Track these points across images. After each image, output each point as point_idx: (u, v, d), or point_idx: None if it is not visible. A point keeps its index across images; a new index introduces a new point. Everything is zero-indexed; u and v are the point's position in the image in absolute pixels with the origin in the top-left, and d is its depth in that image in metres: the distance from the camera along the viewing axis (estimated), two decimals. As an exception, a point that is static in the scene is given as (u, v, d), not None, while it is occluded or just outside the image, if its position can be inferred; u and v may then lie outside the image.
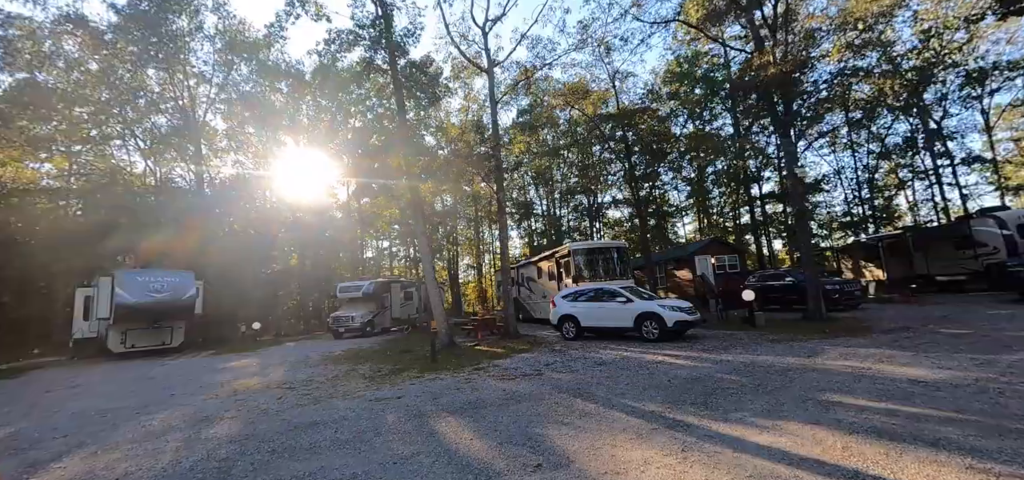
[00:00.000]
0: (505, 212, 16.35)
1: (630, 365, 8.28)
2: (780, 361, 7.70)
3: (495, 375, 8.26)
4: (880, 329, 10.83)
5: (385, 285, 22.78)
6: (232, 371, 11.38)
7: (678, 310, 11.16)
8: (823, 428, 4.28)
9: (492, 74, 16.22)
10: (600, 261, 17.46)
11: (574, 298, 13.22)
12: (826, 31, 24.96)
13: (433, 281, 13.01)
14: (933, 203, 33.89)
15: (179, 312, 17.53)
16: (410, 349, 13.55)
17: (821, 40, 19.10)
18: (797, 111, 14.45)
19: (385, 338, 18.38)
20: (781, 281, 17.62)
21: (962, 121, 32.62)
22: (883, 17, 30.67)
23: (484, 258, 51.46)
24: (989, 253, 16.86)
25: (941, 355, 7.21)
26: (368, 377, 9.00)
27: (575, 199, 43.52)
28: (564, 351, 10.80)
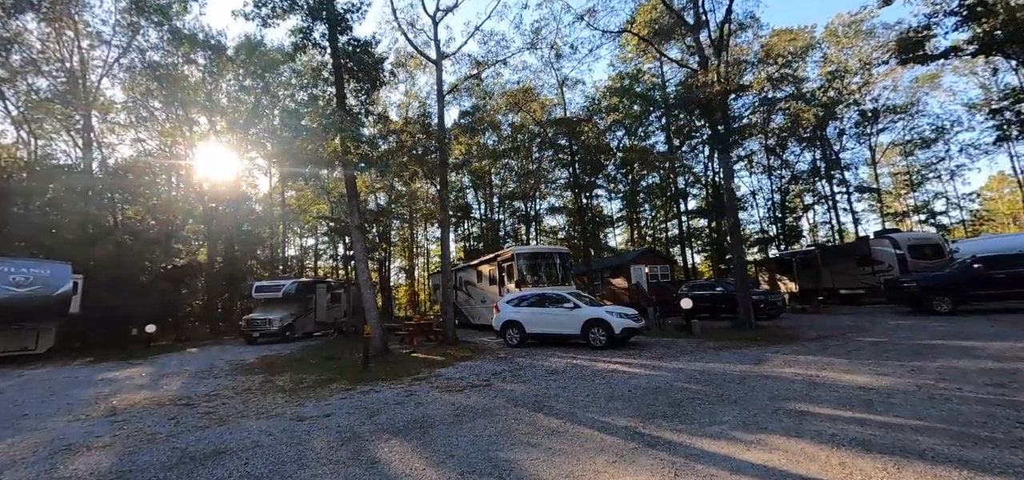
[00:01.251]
0: (449, 211, 15.46)
1: (584, 374, 7.84)
2: (731, 369, 7.64)
3: (439, 386, 7.41)
4: (806, 337, 11.40)
5: (309, 285, 20.83)
6: (113, 383, 9.42)
7: (625, 317, 11.00)
8: (808, 441, 4.01)
9: (441, 66, 15.37)
10: (543, 266, 17.12)
11: (519, 303, 12.67)
12: (751, 63, 26.93)
13: (367, 281, 11.82)
14: (830, 225, 37.99)
15: (48, 311, 14.57)
16: (337, 356, 12.22)
17: (746, 71, 20.50)
18: (731, 130, 15.18)
19: (308, 344, 16.64)
20: (711, 291, 18.41)
21: (854, 155, 37.02)
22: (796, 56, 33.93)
23: (417, 261, 49.75)
24: (884, 270, 18.81)
25: (873, 362, 7.52)
26: (288, 390, 7.74)
27: (512, 205, 43.46)
28: (510, 359, 10.17)
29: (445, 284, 14.75)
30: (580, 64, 31.95)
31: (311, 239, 43.04)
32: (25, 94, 22.75)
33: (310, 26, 11.23)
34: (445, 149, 13.41)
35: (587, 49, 23.68)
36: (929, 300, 14.54)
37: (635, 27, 16.16)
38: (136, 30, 24.44)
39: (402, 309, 44.94)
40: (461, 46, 15.25)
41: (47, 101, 22.89)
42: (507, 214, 44.13)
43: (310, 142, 10.77)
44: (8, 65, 21.54)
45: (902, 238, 18.93)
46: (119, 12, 23.93)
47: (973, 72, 34.07)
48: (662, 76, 35.64)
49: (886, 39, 31.20)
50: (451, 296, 14.96)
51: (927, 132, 34.54)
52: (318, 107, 10.89)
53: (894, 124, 35.35)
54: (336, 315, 22.20)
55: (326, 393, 7.30)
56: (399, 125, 14.27)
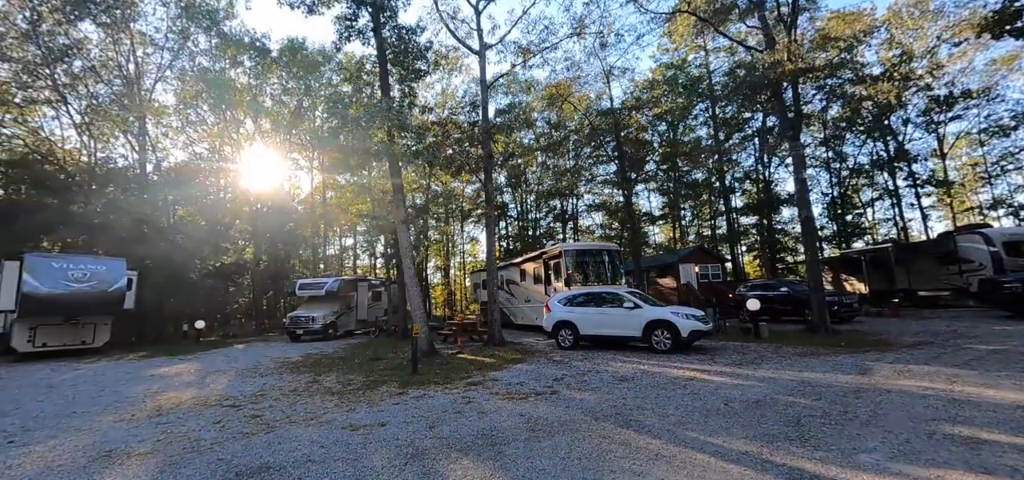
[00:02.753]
0: (494, 205, 14.82)
1: (659, 382, 6.95)
2: (835, 380, 6.57)
3: (499, 393, 6.71)
4: (900, 344, 10.03)
5: (351, 283, 20.71)
6: (162, 380, 9.27)
7: (692, 319, 9.98)
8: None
9: (484, 57, 14.76)
10: (591, 264, 16.21)
11: (572, 303, 11.84)
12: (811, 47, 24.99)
13: (413, 278, 11.30)
14: (893, 222, 35.07)
15: (105, 306, 14.89)
16: (382, 356, 11.77)
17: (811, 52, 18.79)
18: (801, 114, 13.80)
19: (350, 342, 16.39)
20: (775, 291, 16.94)
21: (919, 146, 33.93)
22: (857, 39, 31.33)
23: (451, 260, 49.61)
24: (975, 269, 16.80)
25: (1010, 374, 6.27)
26: (336, 392, 7.24)
27: (549, 203, 42.60)
28: (566, 362, 9.37)
29: (491, 282, 14.10)
30: (625, 54, 30.82)
31: (350, 239, 43.60)
32: (86, 99, 23.75)
33: (355, 13, 10.83)
34: (490, 140, 12.75)
35: (634, 36, 22.40)
36: (1037, 303, 12.74)
37: (691, 5, 14.99)
38: (186, 36, 25.20)
39: (438, 309, 44.89)
40: (506, 34, 14.62)
41: (106, 106, 23.83)
42: (544, 212, 43.30)
43: (355, 133, 10.34)
44: (70, 71, 22.58)
45: (995, 234, 16.86)
46: (170, 19, 24.77)
47: (1061, 51, 30.57)
48: (707, 67, 33.95)
49: (958, 18, 28.50)
50: (496, 296, 14.30)
51: (1005, 119, 31.15)
52: (362, 97, 10.45)
53: (967, 111, 32.16)
54: (377, 314, 22.03)
55: (377, 397, 6.73)
56: (442, 116, 13.72)
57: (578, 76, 23.69)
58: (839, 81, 29.86)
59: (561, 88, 25.93)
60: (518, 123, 30.06)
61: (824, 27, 27.78)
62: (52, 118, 24.93)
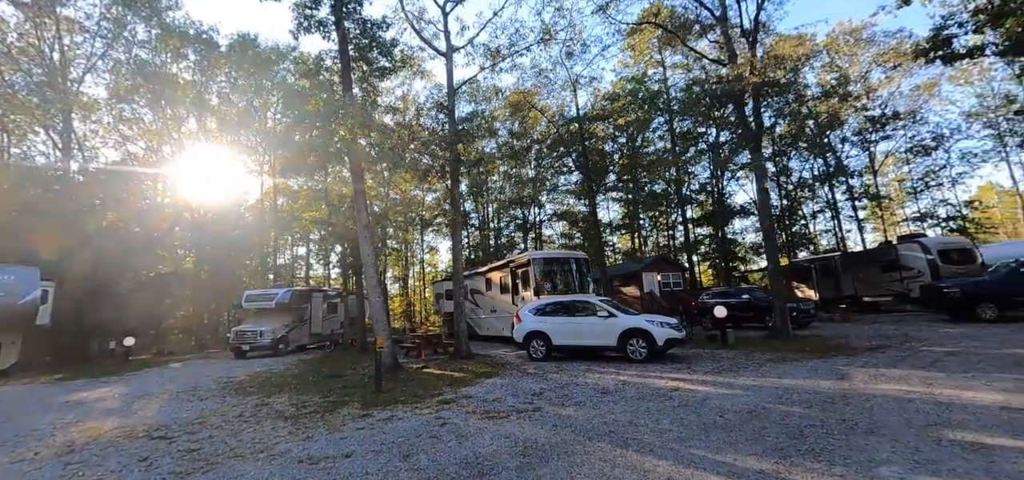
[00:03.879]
0: (460, 211, 14.27)
1: (644, 394, 6.63)
2: (817, 386, 6.49)
3: (476, 411, 6.15)
4: (859, 348, 10.31)
5: (305, 294, 19.41)
6: (78, 407, 7.99)
7: (667, 327, 9.83)
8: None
9: (451, 59, 14.25)
10: (560, 272, 15.94)
11: (544, 312, 11.44)
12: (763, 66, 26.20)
13: (376, 287, 10.52)
14: (833, 233, 37.39)
15: (13, 321, 13.03)
16: (340, 373, 10.87)
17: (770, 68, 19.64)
18: (762, 126, 14.24)
19: (303, 358, 15.21)
20: (737, 299, 17.32)
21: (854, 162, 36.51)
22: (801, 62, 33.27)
23: (410, 270, 48.29)
24: (913, 276, 17.93)
25: (977, 375, 6.41)
26: (290, 416, 6.41)
27: (510, 213, 42.48)
28: (542, 375, 8.93)
29: (457, 292, 13.48)
30: (590, 64, 31.23)
31: (303, 248, 41.37)
32: (1, 90, 21.14)
33: (315, 0, 10.05)
34: (460, 145, 12.22)
35: (600, 46, 22.73)
36: (973, 307, 13.60)
37: (658, 18, 15.21)
38: (123, 25, 23.08)
39: (397, 320, 43.39)
40: (474, 36, 14.16)
41: (23, 96, 21.30)
42: (505, 222, 43.05)
43: (314, 130, 9.52)
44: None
45: (931, 242, 18.10)
46: (104, 5, 22.61)
47: (969, 82, 34.05)
48: (665, 82, 35.00)
49: (887, 46, 31.09)
50: (464, 306, 13.70)
51: (927, 139, 34.09)
52: (323, 93, 9.66)
53: (895, 131, 34.94)
54: (333, 326, 20.75)
55: (337, 421, 5.99)
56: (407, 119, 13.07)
57: (545, 84, 23.67)
58: (786, 100, 31.62)
59: (527, 96, 25.83)
60: (481, 131, 29.72)
61: (772, 48, 29.39)
62: None
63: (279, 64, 27.61)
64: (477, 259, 36.49)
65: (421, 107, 15.15)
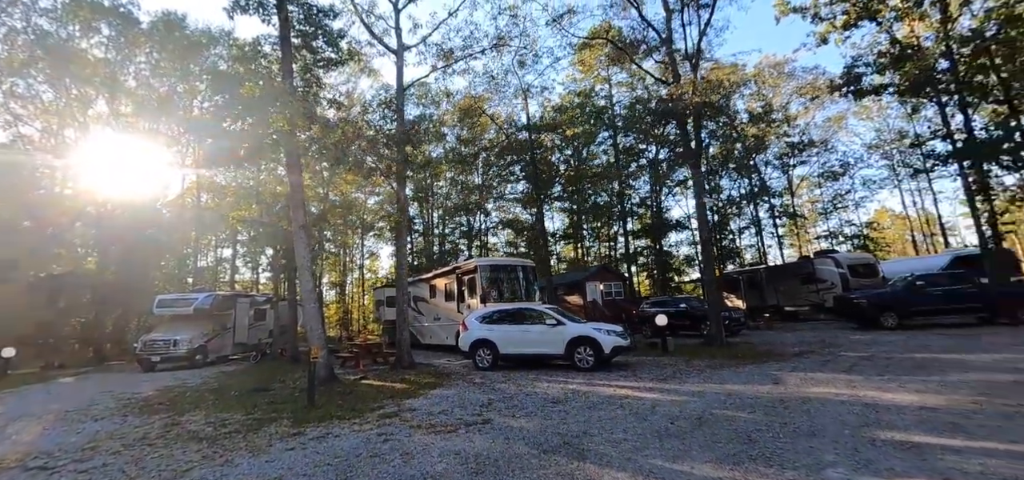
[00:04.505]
0: (406, 213, 13.70)
1: (594, 402, 6.55)
2: (756, 391, 6.75)
3: (421, 425, 5.74)
4: (786, 354, 10.97)
5: (229, 299, 17.80)
6: (-70, 432, 6.60)
7: (614, 335, 9.92)
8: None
9: (402, 58, 13.70)
10: (506, 280, 15.78)
11: (490, 320, 11.19)
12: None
13: (311, 292, 9.73)
14: (756, 248, 40.48)
15: None
16: (267, 386, 9.92)
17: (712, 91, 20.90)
18: (702, 144, 15.05)
19: (225, 370, 13.84)
20: (675, 308, 18.03)
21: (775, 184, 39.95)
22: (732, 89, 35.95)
23: (349, 276, 46.24)
24: (827, 287, 19.66)
25: (891, 378, 6.97)
26: (206, 438, 5.64)
27: (455, 220, 42.09)
28: (489, 385, 8.64)
29: (401, 298, 12.87)
30: (542, 74, 31.70)
31: (228, 249, 38.12)
32: None
33: (250, -21, 9.22)
34: (410, 144, 11.73)
35: (552, 58, 23.11)
36: (877, 316, 15.05)
37: (610, 35, 15.65)
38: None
39: (333, 329, 41.18)
40: (428, 35, 13.73)
41: None
42: (450, 229, 42.48)
43: (248, 117, 8.67)
44: None
45: (843, 257, 19.95)
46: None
47: (870, 117, 38.65)
48: (610, 99, 36.21)
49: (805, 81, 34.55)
50: (407, 313, 13.11)
51: (836, 166, 38.05)
52: (260, 78, 8.83)
53: (810, 157, 38.65)
54: (260, 335, 19.14)
55: (262, 441, 5.34)
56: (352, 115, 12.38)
57: (496, 90, 23.63)
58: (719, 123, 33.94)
59: (478, 102, 25.67)
60: (429, 135, 29.10)
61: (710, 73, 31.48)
62: None
63: (210, 49, 25.41)
64: (421, 266, 35.56)
65: (368, 105, 14.43)
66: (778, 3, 20.02)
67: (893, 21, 18.62)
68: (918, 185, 41.20)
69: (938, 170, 27.00)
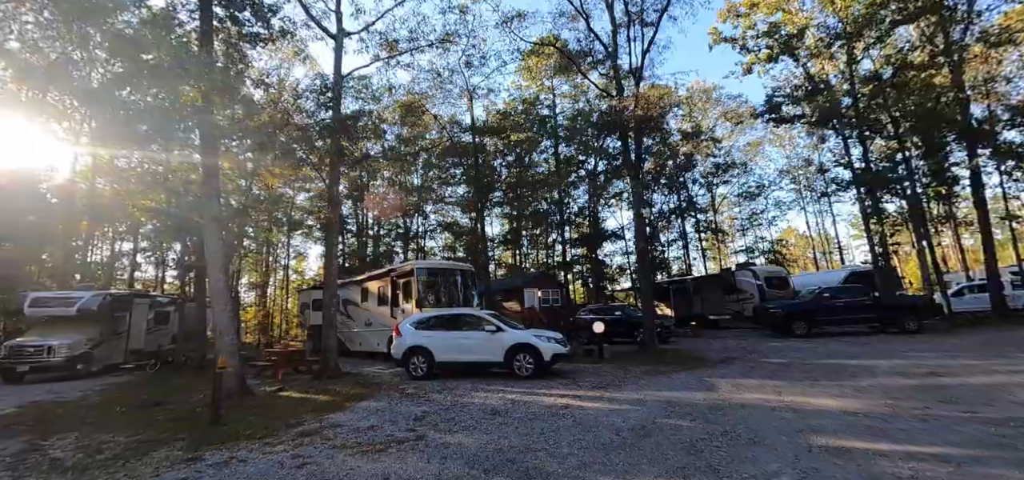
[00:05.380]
0: (338, 210, 12.76)
1: (535, 413, 6.27)
2: (693, 398, 6.83)
3: (345, 444, 5.11)
4: (712, 360, 11.50)
5: (123, 300, 15.60)
6: None
7: (553, 342, 9.76)
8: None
9: (341, 43, 12.72)
10: (444, 285, 15.21)
11: (425, 326, 10.61)
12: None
13: (223, 292, 8.59)
14: (682, 260, 42.98)
15: None
16: (163, 400, 8.63)
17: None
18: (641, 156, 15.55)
19: (115, 381, 12.01)
20: (611, 315, 18.42)
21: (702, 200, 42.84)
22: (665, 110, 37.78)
23: (271, 277, 43.01)
24: (747, 298, 21.11)
25: (810, 384, 7.38)
26: (71, 467, 4.62)
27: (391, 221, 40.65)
28: (423, 396, 8.09)
29: (329, 301, 11.87)
30: (488, 78, 31.33)
31: (129, 243, 33.81)
32: None
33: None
34: (346, 136, 10.88)
35: (499, 61, 22.98)
36: (790, 324, 16.31)
37: (558, 43, 15.76)
38: None
39: (251, 335, 37.91)
40: (371, 23, 12.87)
41: None
42: (386, 230, 40.90)
43: (154, 86, 7.49)
44: None
45: (760, 270, 21.55)
46: None
47: (782, 146, 42.78)
48: (553, 108, 36.74)
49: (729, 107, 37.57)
50: (335, 317, 12.13)
51: (752, 187, 41.54)
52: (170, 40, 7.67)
53: (732, 178, 41.88)
54: (161, 341, 16.93)
55: (146, 469, 4.45)
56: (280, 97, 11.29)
57: (440, 88, 23.02)
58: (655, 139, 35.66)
59: (421, 100, 24.91)
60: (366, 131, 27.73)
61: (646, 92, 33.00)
62: None
63: (118, 15, 22.30)
64: (353, 268, 33.74)
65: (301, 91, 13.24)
66: (712, 32, 21.44)
67: (808, 59, 20.61)
68: (819, 208, 46.00)
69: (838, 195, 30.18)
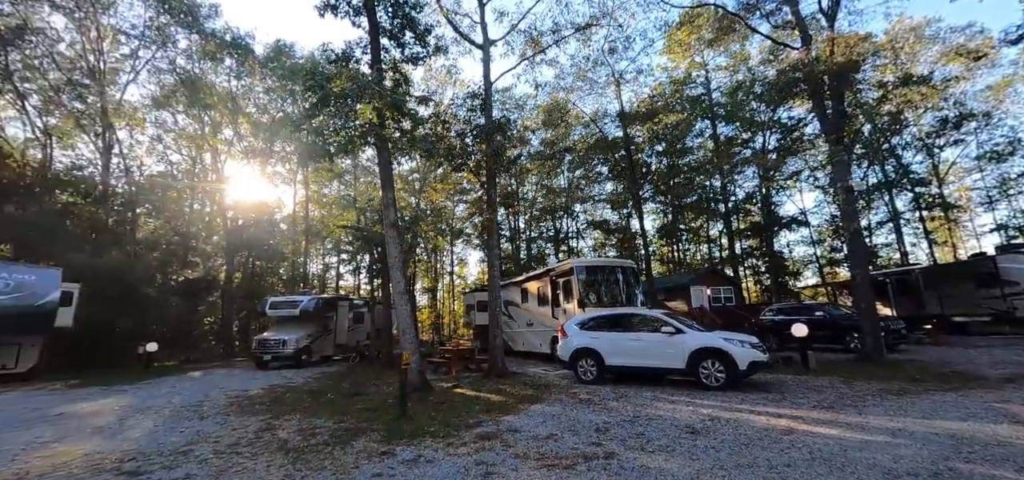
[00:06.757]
0: (496, 209, 12.98)
1: (748, 436, 5.00)
2: (996, 432, 4.70)
3: (527, 454, 4.68)
4: (991, 378, 8.27)
5: (330, 303, 18.49)
6: (67, 422, 7.01)
7: (749, 346, 8.10)
8: None
9: (488, 52, 13.15)
10: (605, 283, 14.31)
11: (593, 326, 9.90)
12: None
13: (403, 293, 9.26)
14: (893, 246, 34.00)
15: (31, 323, 12.47)
16: (361, 389, 9.63)
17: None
18: (846, 114, 12.34)
19: (325, 371, 14.14)
20: (810, 316, 15.16)
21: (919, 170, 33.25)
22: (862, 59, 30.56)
23: (439, 282, 47.34)
24: (1019, 293, 15.36)
25: None
26: (293, 449, 5.13)
27: (540, 225, 41.27)
28: (598, 402, 7.37)
29: (493, 301, 12.09)
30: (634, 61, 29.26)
31: (334, 256, 41.13)
32: (43, 93, 21.41)
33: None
34: (493, 143, 10.96)
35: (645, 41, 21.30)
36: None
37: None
38: (166, 37, 23.20)
39: (425, 333, 42.43)
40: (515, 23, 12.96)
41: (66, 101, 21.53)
42: (537, 233, 41.73)
43: (338, 111, 8.49)
44: (27, 60, 20.22)
45: (1043, 254, 15.49)
46: (148, 16, 22.77)
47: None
48: (707, 84, 32.86)
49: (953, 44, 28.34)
50: (499, 317, 12.29)
51: (1003, 144, 30.52)
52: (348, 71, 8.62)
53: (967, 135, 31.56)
54: (358, 337, 19.73)
55: (349, 461, 4.65)
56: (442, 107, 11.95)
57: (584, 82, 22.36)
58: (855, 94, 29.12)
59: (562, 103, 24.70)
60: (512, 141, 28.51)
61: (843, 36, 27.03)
62: (14, 118, 22.46)
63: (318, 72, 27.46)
64: (507, 271, 35.24)
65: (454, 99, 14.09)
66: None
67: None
68: None
69: None
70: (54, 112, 22.16)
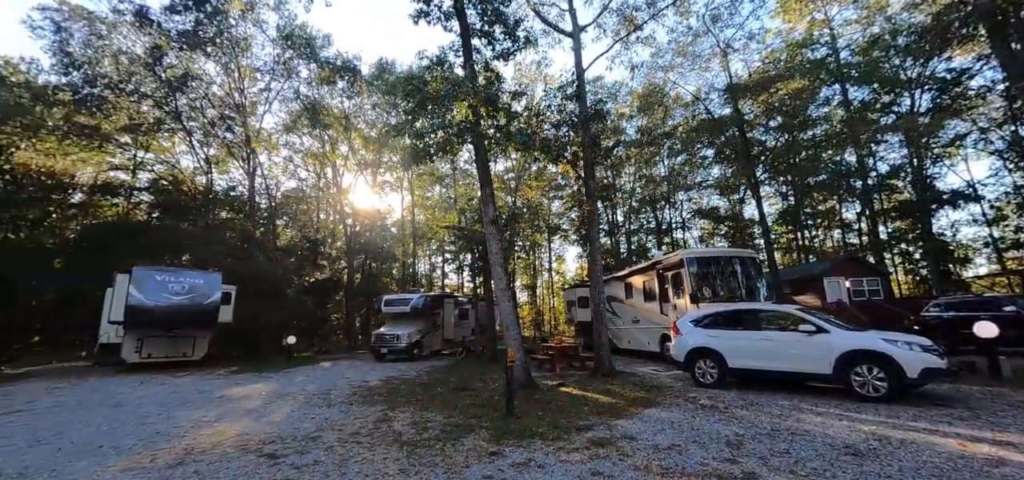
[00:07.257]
0: (595, 200, 12.42)
1: (934, 466, 3.96)
2: None
3: (649, 467, 4.20)
4: None
5: (438, 300, 19.39)
6: (226, 404, 8.09)
7: (920, 350, 6.58)
8: None
9: (578, 38, 12.65)
10: (720, 276, 12.94)
11: (710, 323, 8.91)
12: None
13: (505, 290, 9.23)
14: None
15: (200, 319, 14.91)
16: (468, 384, 9.79)
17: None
18: None
19: (435, 365, 14.80)
20: (998, 312, 12.14)
21: None
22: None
23: (538, 279, 47.49)
24: None
25: None
26: (407, 442, 5.24)
27: (639, 218, 39.23)
28: (724, 410, 6.53)
29: (596, 296, 11.57)
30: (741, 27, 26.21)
31: (439, 256, 43.56)
32: (203, 128, 25.72)
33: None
34: (588, 131, 10.45)
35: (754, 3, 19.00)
36: None
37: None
38: (290, 69, 26.50)
39: (527, 330, 42.96)
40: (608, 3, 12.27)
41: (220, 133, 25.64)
42: (635, 226, 39.83)
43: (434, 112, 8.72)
44: (192, 103, 24.49)
45: None
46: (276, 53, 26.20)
47: None
48: (833, 43, 28.12)
49: None
50: (604, 313, 11.73)
51: None
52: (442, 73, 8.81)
53: None
54: (464, 333, 20.48)
55: (458, 456, 4.60)
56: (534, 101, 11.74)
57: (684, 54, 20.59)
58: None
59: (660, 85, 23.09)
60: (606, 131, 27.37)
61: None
62: (185, 152, 27.45)
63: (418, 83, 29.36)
64: (607, 266, 34.08)
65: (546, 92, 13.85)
66: None
67: None
68: None
69: None
70: (212, 143, 26.46)
